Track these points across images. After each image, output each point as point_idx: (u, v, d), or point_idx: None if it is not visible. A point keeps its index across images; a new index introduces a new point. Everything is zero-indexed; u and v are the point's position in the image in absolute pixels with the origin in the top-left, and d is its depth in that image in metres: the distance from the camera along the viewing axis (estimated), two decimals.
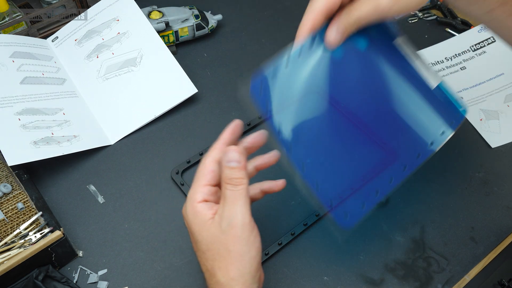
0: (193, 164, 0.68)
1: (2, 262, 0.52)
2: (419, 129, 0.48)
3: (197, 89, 0.74)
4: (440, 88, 0.49)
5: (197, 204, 0.46)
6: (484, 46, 0.83)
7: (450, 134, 0.49)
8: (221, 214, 0.45)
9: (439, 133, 0.48)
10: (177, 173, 0.67)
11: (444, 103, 0.49)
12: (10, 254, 0.53)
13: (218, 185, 0.48)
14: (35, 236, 0.55)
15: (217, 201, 0.47)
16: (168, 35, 0.80)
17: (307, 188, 0.47)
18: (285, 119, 0.46)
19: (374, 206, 0.48)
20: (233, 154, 0.46)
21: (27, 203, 0.60)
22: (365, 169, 0.48)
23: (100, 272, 0.58)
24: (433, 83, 0.48)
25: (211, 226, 0.45)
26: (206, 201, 0.46)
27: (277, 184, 0.51)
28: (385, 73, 0.47)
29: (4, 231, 0.58)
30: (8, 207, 0.60)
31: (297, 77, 0.46)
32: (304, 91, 0.46)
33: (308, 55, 0.45)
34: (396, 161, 0.48)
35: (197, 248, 0.47)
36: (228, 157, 0.46)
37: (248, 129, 0.72)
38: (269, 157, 0.51)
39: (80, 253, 0.59)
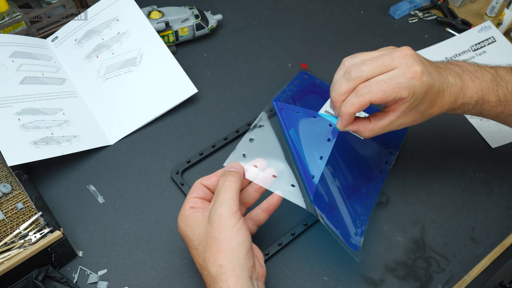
0: (193, 164, 0.68)
1: (2, 262, 0.52)
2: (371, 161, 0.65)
3: (197, 89, 0.74)
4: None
5: (185, 211, 0.52)
6: (484, 46, 0.83)
7: (396, 154, 0.67)
8: (211, 207, 0.50)
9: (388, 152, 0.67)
10: (177, 173, 0.66)
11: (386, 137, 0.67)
12: (10, 254, 0.53)
13: (204, 199, 0.53)
14: (35, 236, 0.55)
15: (203, 208, 0.52)
16: (168, 35, 0.80)
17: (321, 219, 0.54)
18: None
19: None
20: (235, 164, 0.53)
21: (27, 203, 0.60)
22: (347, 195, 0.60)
23: (100, 272, 0.58)
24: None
25: (201, 221, 0.50)
26: (192, 207, 0.52)
27: (273, 197, 0.55)
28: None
29: (4, 231, 0.58)
30: (8, 207, 0.60)
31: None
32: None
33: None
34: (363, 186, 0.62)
35: (191, 247, 0.50)
36: (230, 165, 0.53)
37: (248, 129, 0.72)
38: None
39: (80, 253, 0.59)
